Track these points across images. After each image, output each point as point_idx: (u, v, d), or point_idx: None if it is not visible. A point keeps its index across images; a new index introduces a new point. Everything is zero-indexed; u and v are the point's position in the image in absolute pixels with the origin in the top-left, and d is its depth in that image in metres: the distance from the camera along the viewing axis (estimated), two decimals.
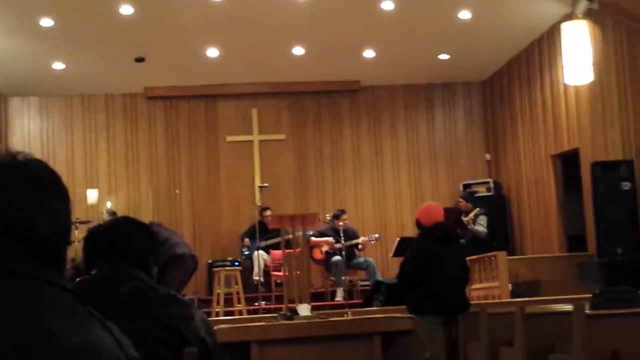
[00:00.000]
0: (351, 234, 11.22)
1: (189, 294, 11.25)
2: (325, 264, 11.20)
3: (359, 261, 11.29)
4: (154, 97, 12.91)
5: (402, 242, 10.30)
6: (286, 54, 11.54)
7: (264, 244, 11.23)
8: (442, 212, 6.79)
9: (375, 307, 8.62)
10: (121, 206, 12.16)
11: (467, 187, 12.49)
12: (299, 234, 8.39)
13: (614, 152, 9.59)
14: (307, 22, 10.47)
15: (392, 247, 10.81)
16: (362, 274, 11.51)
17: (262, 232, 10.88)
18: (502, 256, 9.58)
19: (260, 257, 11.12)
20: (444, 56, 12.06)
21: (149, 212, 11.69)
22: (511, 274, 9.63)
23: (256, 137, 12.97)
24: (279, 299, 9.78)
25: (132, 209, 12.16)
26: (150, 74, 12.17)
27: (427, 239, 6.58)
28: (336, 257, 10.94)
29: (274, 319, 7.42)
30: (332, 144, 13.17)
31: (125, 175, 12.78)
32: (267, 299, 10.65)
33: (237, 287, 10.37)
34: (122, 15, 9.82)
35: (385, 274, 12.00)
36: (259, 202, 11.16)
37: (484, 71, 13.02)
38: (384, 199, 13.09)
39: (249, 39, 10.92)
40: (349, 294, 10.67)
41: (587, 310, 4.93)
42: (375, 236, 11.38)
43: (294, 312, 7.35)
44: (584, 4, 9.68)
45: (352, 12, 10.21)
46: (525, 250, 11.91)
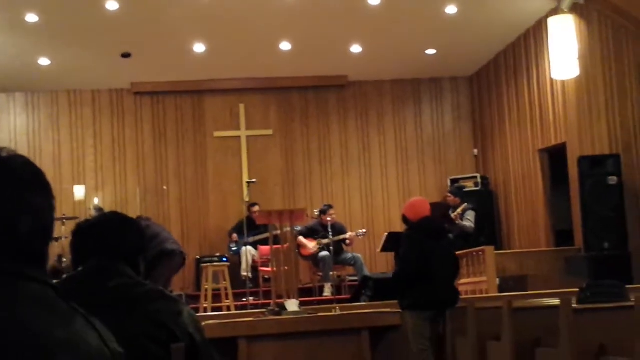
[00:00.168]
0: (339, 229, 11.21)
1: (176, 290, 11.25)
2: (313, 259, 11.20)
3: (347, 257, 11.29)
4: (140, 92, 12.87)
5: (390, 237, 10.29)
6: (273, 50, 11.52)
7: (252, 239, 11.22)
8: (428, 207, 6.78)
9: (363, 303, 8.62)
10: (108, 202, 12.13)
11: (455, 182, 12.52)
12: (287, 229, 8.38)
13: (601, 146, 9.63)
14: (294, 17, 10.46)
15: (380, 242, 10.81)
16: (350, 270, 11.51)
17: (250, 228, 10.87)
18: (489, 251, 9.61)
19: (248, 252, 11.11)
20: (431, 51, 12.08)
21: (136, 208, 11.65)
22: (499, 269, 9.66)
23: (244, 133, 12.95)
24: (267, 295, 9.77)
25: (120, 205, 12.12)
26: (136, 70, 12.12)
27: (416, 234, 6.57)
28: (324, 253, 10.94)
29: (262, 314, 7.42)
30: (320, 139, 13.16)
31: (112, 171, 12.73)
32: (255, 294, 10.64)
33: (225, 283, 10.35)
34: (108, 10, 9.77)
35: (373, 269, 12.02)
36: (247, 198, 11.15)
37: (471, 66, 13.04)
38: (371, 194, 13.09)
39: (236, 35, 10.89)
40: (337, 290, 10.68)
41: (574, 304, 4.95)
42: (362, 231, 11.39)
43: (282, 308, 7.34)
44: None
45: (339, 7, 10.20)
46: (512, 245, 11.94)
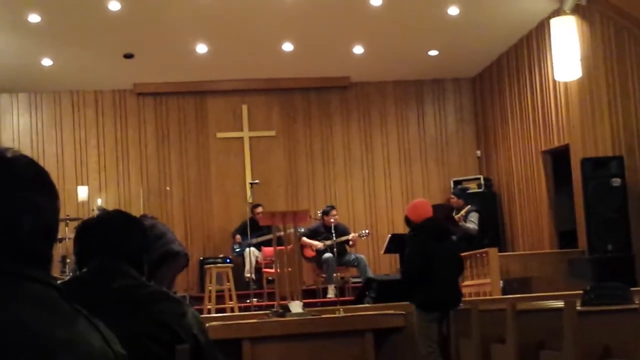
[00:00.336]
0: (342, 230, 11.20)
1: (180, 291, 11.24)
2: (316, 261, 11.19)
3: (350, 258, 11.28)
4: (143, 93, 12.87)
5: (393, 238, 10.30)
6: (276, 51, 11.51)
7: (255, 240, 11.22)
8: (430, 209, 6.84)
9: (366, 304, 8.61)
10: (111, 203, 12.13)
11: (458, 183, 12.51)
12: (290, 230, 8.38)
13: (604, 148, 9.62)
14: (297, 18, 10.45)
15: (383, 243, 10.81)
16: (354, 271, 11.50)
17: (254, 229, 10.86)
18: (493, 253, 9.59)
19: (251, 254, 11.10)
20: (433, 52, 12.07)
21: (139, 209, 11.64)
22: (502, 271, 9.65)
23: (246, 134, 12.95)
24: (271, 296, 9.77)
25: (123, 206, 12.10)
26: (139, 70, 12.12)
27: (420, 235, 6.59)
28: (327, 254, 10.92)
29: (266, 316, 7.41)
30: (323, 140, 13.16)
31: (115, 172, 12.73)
32: (258, 296, 10.64)
33: (229, 284, 10.34)
34: (111, 11, 9.77)
35: (376, 270, 12.01)
36: (250, 199, 11.15)
37: (474, 67, 13.03)
38: (374, 195, 13.08)
39: (239, 36, 10.89)
40: (341, 291, 10.67)
41: (578, 306, 4.94)
42: (365, 232, 11.38)
43: (286, 309, 7.34)
44: (571, 0, 9.70)
45: (341, 8, 10.19)
46: (516, 246, 11.92)
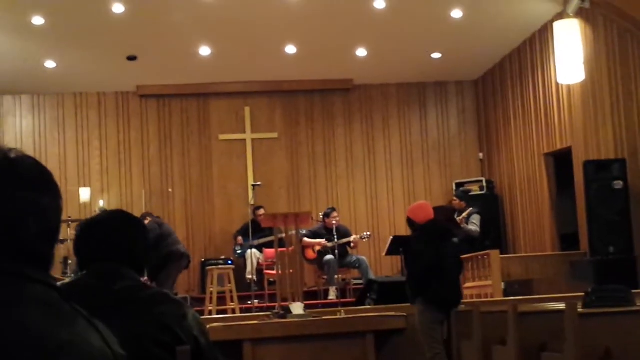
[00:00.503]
0: (343, 232, 11.21)
1: (181, 293, 11.26)
2: (318, 262, 11.20)
3: (352, 260, 11.28)
4: (146, 95, 12.89)
5: (395, 240, 10.30)
6: (279, 53, 11.52)
7: (257, 242, 11.23)
8: (432, 211, 6.90)
9: (368, 306, 8.62)
10: (114, 205, 12.14)
11: (460, 185, 12.51)
12: (292, 232, 8.38)
13: (607, 151, 9.61)
14: (300, 21, 10.46)
15: (385, 245, 10.81)
16: (355, 273, 11.51)
17: (255, 231, 10.87)
18: (495, 255, 9.59)
19: (253, 255, 11.11)
20: (436, 55, 12.07)
21: (141, 210, 11.65)
22: (504, 273, 9.65)
23: (249, 136, 12.96)
24: (272, 298, 9.76)
25: (125, 207, 12.11)
26: (142, 73, 12.14)
27: (426, 235, 6.63)
28: (329, 256, 10.93)
29: (267, 317, 7.42)
30: (325, 142, 13.16)
31: (117, 173, 12.75)
32: (260, 297, 10.64)
33: (230, 286, 10.36)
34: (114, 13, 9.79)
35: (378, 272, 12.02)
36: (252, 201, 11.15)
37: (477, 70, 13.03)
38: (376, 197, 13.08)
39: (242, 38, 10.90)
40: (342, 293, 10.68)
41: (580, 309, 4.94)
42: (367, 234, 11.38)
43: (287, 311, 7.35)
44: (575, 3, 9.70)
45: (345, 11, 10.20)
46: (518, 248, 11.92)
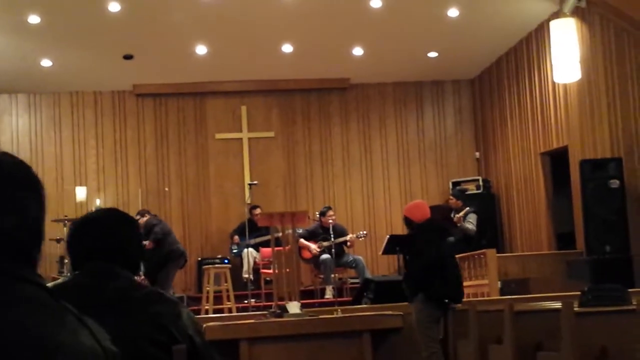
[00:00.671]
0: (340, 231, 11.21)
1: (178, 292, 11.26)
2: (314, 261, 11.20)
3: (348, 259, 11.28)
4: (142, 94, 12.87)
5: (392, 239, 10.30)
6: (275, 52, 11.52)
7: (253, 241, 11.22)
8: (429, 209, 6.95)
9: (364, 305, 8.62)
10: (110, 204, 12.12)
11: (457, 185, 12.51)
12: (289, 231, 8.38)
13: (603, 149, 9.63)
14: (296, 19, 10.46)
15: (382, 244, 10.80)
16: (352, 272, 11.50)
17: (252, 230, 10.87)
18: (491, 254, 9.60)
19: (249, 254, 11.11)
20: (433, 54, 12.07)
21: (138, 209, 11.64)
22: (500, 272, 9.66)
23: (245, 135, 12.95)
24: (269, 297, 9.77)
25: (121, 206, 12.11)
26: (138, 72, 12.12)
27: (426, 233, 6.65)
28: (325, 255, 10.93)
29: (264, 316, 7.41)
30: (322, 141, 13.16)
31: (114, 172, 12.73)
32: (256, 296, 10.64)
33: (227, 285, 10.35)
34: (110, 12, 9.78)
35: (374, 271, 12.02)
36: (248, 200, 11.15)
37: (473, 69, 13.04)
38: (373, 196, 13.08)
39: (238, 37, 10.89)
40: (339, 292, 10.68)
41: (576, 307, 4.94)
42: (363, 233, 11.38)
43: (284, 310, 7.34)
44: (571, 2, 9.72)
45: (341, 9, 10.20)
46: (514, 248, 11.93)
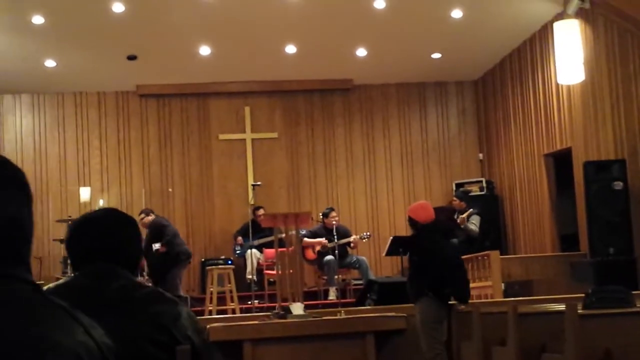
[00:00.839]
0: (343, 232, 11.20)
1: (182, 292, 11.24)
2: (318, 263, 11.19)
3: (352, 260, 11.27)
4: (146, 95, 12.88)
5: (395, 241, 10.29)
6: (279, 53, 11.52)
7: (257, 242, 11.22)
8: (433, 210, 6.96)
9: (368, 306, 8.61)
10: (113, 204, 12.12)
11: (460, 186, 12.50)
12: (292, 232, 8.37)
13: (607, 151, 9.61)
14: (300, 20, 10.46)
15: (385, 245, 10.79)
16: (355, 273, 11.50)
17: (255, 231, 10.87)
18: (494, 255, 9.59)
19: (253, 255, 11.11)
20: (436, 55, 12.07)
21: (141, 209, 11.65)
22: (504, 274, 9.64)
23: (249, 136, 12.96)
24: (272, 298, 9.76)
25: (125, 207, 12.12)
26: (142, 72, 12.13)
27: (434, 234, 6.66)
28: (329, 257, 10.92)
29: (267, 317, 7.41)
30: (325, 142, 13.16)
31: (117, 173, 12.74)
32: (260, 297, 10.64)
33: (230, 286, 10.35)
34: (114, 12, 9.79)
35: (378, 272, 12.01)
36: (252, 201, 11.15)
37: (477, 70, 13.03)
38: (376, 197, 13.08)
39: (242, 37, 10.90)
40: (342, 293, 10.67)
41: (580, 309, 4.94)
42: (367, 234, 11.37)
43: (287, 311, 7.34)
44: (575, 3, 9.70)
45: (345, 10, 10.20)
46: (517, 249, 11.92)
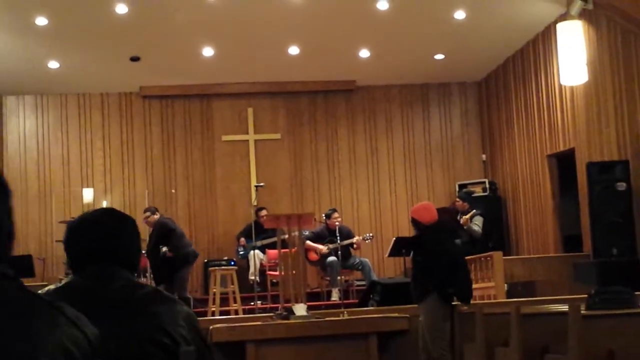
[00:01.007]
0: (346, 234, 11.20)
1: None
2: (320, 264, 11.20)
3: (355, 261, 11.27)
4: (149, 96, 12.90)
5: (398, 242, 10.29)
6: (282, 54, 11.53)
7: (259, 243, 11.23)
8: (436, 211, 6.96)
9: (371, 307, 8.62)
10: (117, 205, 12.13)
11: (463, 187, 12.50)
12: (295, 233, 8.38)
13: (610, 152, 9.61)
14: (303, 21, 10.47)
15: (388, 247, 10.80)
16: (358, 274, 11.50)
17: (258, 232, 10.88)
18: (497, 256, 9.59)
19: (256, 256, 11.11)
20: (439, 56, 12.07)
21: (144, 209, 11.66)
22: (507, 274, 9.64)
23: (252, 137, 12.96)
24: (275, 299, 9.77)
25: (128, 208, 12.14)
26: (145, 73, 12.15)
27: (439, 234, 6.67)
28: (331, 258, 10.93)
29: (270, 318, 7.42)
30: (328, 143, 13.16)
31: (120, 174, 12.76)
32: (263, 298, 10.64)
33: (233, 287, 10.36)
34: (118, 14, 9.80)
35: (381, 274, 12.02)
36: (254, 202, 11.15)
37: (480, 71, 13.03)
38: (379, 198, 13.08)
39: (245, 39, 10.91)
40: (345, 294, 10.67)
41: (583, 310, 4.93)
42: (369, 235, 11.37)
43: (290, 312, 7.35)
44: (578, 4, 9.70)
45: (348, 11, 10.20)
46: (520, 250, 11.91)
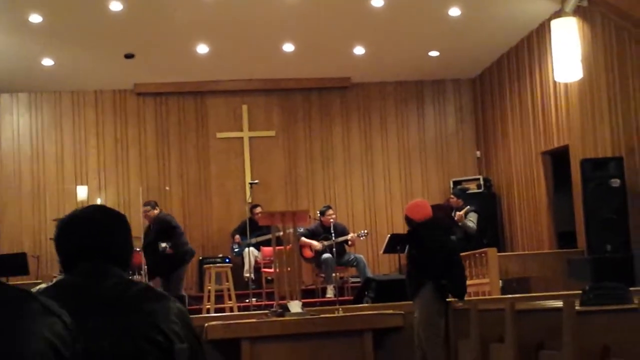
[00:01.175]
0: (341, 230, 11.21)
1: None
2: (315, 261, 11.20)
3: (349, 258, 11.28)
4: (143, 93, 12.88)
5: (393, 238, 10.31)
6: (276, 51, 11.52)
7: (254, 240, 11.23)
8: (430, 208, 6.97)
9: (365, 304, 8.62)
10: (111, 203, 12.11)
11: (458, 184, 12.52)
12: (290, 230, 8.38)
13: (604, 149, 9.63)
14: (297, 18, 10.46)
15: (383, 243, 10.81)
16: (353, 271, 11.51)
17: (253, 229, 10.88)
18: (492, 253, 9.60)
19: (250, 253, 11.11)
20: (434, 53, 12.07)
21: (139, 208, 11.63)
22: (501, 271, 9.66)
23: (246, 134, 12.96)
24: (270, 296, 9.77)
25: (122, 205, 12.12)
26: (140, 71, 12.13)
27: (435, 230, 6.68)
28: (326, 254, 10.93)
29: (265, 315, 7.42)
30: (323, 140, 13.17)
31: (115, 171, 12.74)
32: (257, 295, 10.65)
33: (228, 284, 10.35)
34: (112, 11, 9.79)
35: (375, 270, 12.02)
36: (249, 199, 11.16)
37: (474, 68, 13.04)
38: (374, 195, 13.09)
39: (239, 36, 10.90)
40: (340, 291, 10.68)
41: (577, 306, 4.95)
42: (364, 232, 11.39)
43: (285, 309, 7.34)
44: (573, 1, 9.72)
45: (342, 8, 10.20)
46: (515, 246, 11.94)
